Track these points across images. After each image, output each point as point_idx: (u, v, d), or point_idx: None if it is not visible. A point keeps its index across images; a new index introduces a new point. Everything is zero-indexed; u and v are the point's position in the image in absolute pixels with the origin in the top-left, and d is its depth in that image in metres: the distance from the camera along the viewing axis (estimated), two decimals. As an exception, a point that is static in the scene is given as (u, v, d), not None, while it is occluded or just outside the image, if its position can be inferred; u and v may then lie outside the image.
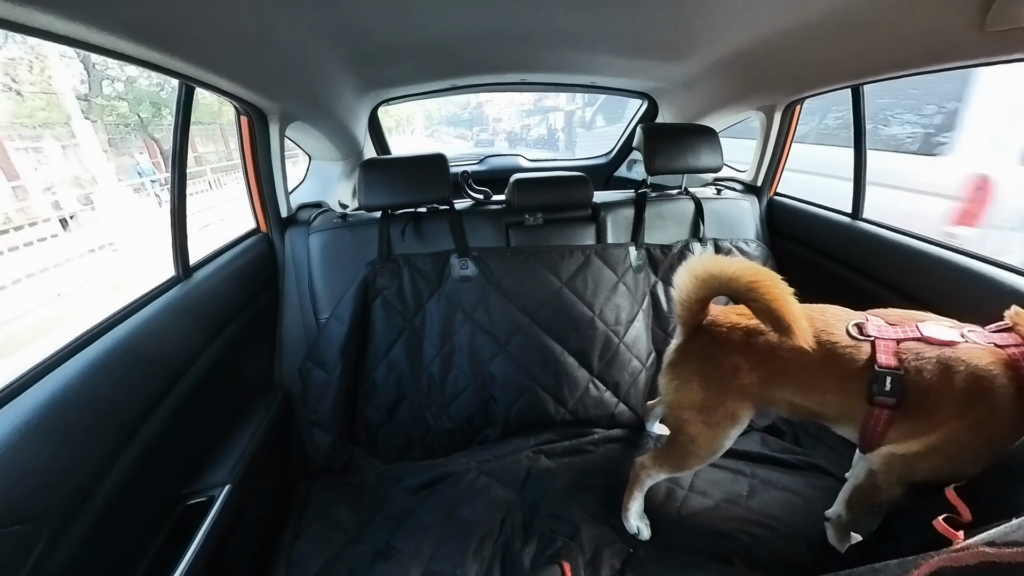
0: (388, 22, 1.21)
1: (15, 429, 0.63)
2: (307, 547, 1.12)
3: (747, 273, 0.86)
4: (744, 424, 0.99)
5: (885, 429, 0.84)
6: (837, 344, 0.86)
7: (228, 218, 7.31)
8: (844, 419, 0.90)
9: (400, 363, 1.45)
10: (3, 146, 7.70)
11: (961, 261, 1.16)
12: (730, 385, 0.95)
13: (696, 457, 1.02)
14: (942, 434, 0.78)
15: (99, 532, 0.72)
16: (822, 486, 1.18)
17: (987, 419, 0.75)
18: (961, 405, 0.76)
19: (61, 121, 8.67)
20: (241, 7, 0.88)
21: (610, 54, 1.62)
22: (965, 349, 0.78)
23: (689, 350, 1.02)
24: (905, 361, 0.81)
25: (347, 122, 1.88)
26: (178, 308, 1.03)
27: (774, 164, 1.82)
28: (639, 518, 1.11)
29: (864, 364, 0.83)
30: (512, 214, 1.56)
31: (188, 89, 1.05)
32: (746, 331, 0.95)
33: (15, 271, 5.16)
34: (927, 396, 0.79)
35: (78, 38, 0.69)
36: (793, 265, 1.72)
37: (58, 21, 0.63)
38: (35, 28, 0.64)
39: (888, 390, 0.80)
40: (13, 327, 4.02)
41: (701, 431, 0.99)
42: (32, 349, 0.86)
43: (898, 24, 0.99)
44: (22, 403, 0.67)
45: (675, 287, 0.97)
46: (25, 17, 0.60)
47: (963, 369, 0.76)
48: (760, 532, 1.08)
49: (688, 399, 1.00)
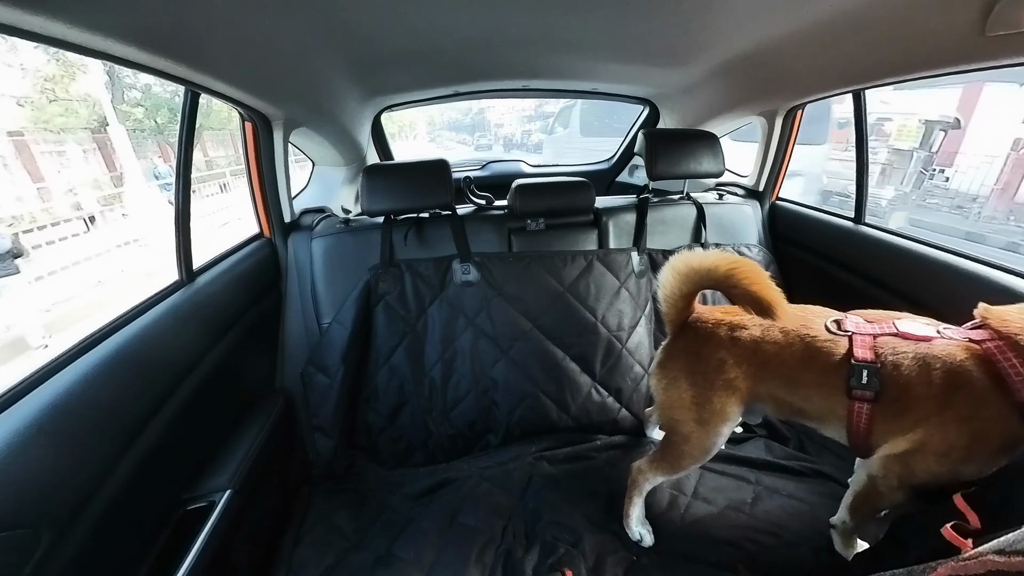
0: (391, 29, 1.22)
1: (17, 433, 0.63)
2: (308, 553, 1.11)
3: (725, 262, 0.90)
4: (735, 421, 1.00)
5: (869, 427, 0.85)
6: (816, 339, 0.89)
7: (245, 217, 7.97)
8: (828, 417, 0.91)
9: (402, 368, 1.45)
10: (29, 149, 8.17)
11: (965, 265, 1.16)
12: (716, 380, 0.96)
13: (690, 457, 1.03)
14: (927, 430, 0.79)
15: (99, 537, 0.72)
16: (827, 493, 1.16)
17: (968, 414, 0.75)
18: (940, 401, 0.77)
19: (80, 126, 9.12)
20: (246, 15, 0.89)
21: (611, 60, 1.63)
22: (941, 344, 0.79)
23: (676, 348, 1.04)
24: (882, 355, 0.83)
25: (350, 128, 1.89)
26: (181, 312, 1.04)
27: (776, 169, 1.82)
28: (641, 524, 1.11)
29: (842, 358, 0.85)
30: (514, 219, 1.57)
31: (194, 95, 1.06)
32: (730, 326, 0.98)
33: (52, 263, 5.75)
34: (906, 391, 0.80)
35: (87, 45, 0.70)
36: (796, 270, 1.71)
37: (69, 29, 0.65)
38: (47, 36, 0.65)
39: (865, 383, 0.82)
40: (66, 307, 4.95)
41: (693, 430, 1.00)
42: (88, 322, 0.99)
43: (899, 29, 1.00)
44: (24, 407, 0.67)
45: (659, 284, 1.00)
46: (39, 26, 0.62)
47: (939, 365, 0.77)
48: (765, 540, 1.07)
49: (677, 397, 1.01)
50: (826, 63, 1.28)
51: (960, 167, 7.30)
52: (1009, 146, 6.88)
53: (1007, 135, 6.89)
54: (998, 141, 6.89)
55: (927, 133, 6.68)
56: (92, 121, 9.43)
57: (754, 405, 1.01)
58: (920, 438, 0.80)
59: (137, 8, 0.70)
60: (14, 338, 4.30)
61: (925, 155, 6.88)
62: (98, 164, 9.53)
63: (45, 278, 5.45)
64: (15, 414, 0.66)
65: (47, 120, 8.80)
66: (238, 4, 0.85)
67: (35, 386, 0.71)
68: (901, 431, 0.82)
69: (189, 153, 1.10)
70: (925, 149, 6.81)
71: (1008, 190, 6.87)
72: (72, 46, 0.69)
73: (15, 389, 0.70)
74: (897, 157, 7.09)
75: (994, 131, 7.01)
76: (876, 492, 0.90)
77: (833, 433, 0.94)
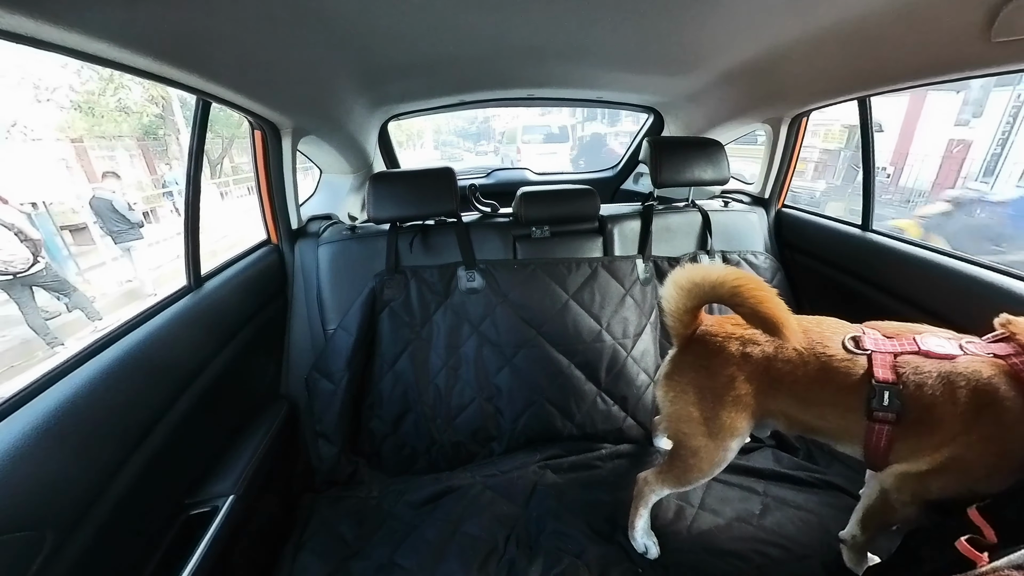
0: (399, 40, 1.24)
1: (24, 435, 0.64)
2: (309, 560, 1.10)
3: (730, 278, 0.86)
4: (745, 436, 0.97)
5: (888, 446, 0.82)
6: (833, 357, 0.86)
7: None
8: (844, 435, 0.88)
9: (406, 375, 1.44)
10: (88, 155, 9.09)
11: (974, 272, 1.14)
12: (726, 396, 0.93)
13: (699, 471, 1.00)
14: (951, 451, 0.76)
15: (102, 540, 0.72)
16: (837, 505, 1.14)
17: (995, 434, 0.73)
18: (967, 421, 0.74)
19: (128, 134, 10.24)
20: (257, 28, 0.91)
21: (616, 69, 1.64)
22: (966, 362, 0.76)
23: (684, 361, 1.01)
24: (904, 375, 0.79)
25: (357, 136, 1.91)
26: (188, 317, 1.05)
27: (781, 176, 1.81)
28: (646, 535, 1.09)
29: (861, 378, 0.82)
30: (519, 227, 1.57)
31: (205, 104, 1.08)
32: (741, 340, 0.94)
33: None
34: (930, 412, 0.77)
35: (105, 56, 0.72)
36: (803, 277, 1.70)
37: (89, 41, 0.67)
38: (66, 47, 0.67)
39: (887, 404, 0.79)
40: (159, 271, 6.24)
41: (702, 444, 0.97)
42: (177, 282, 1.14)
43: (903, 35, 1.00)
44: (32, 410, 0.68)
45: (662, 299, 0.97)
46: (59, 37, 0.64)
47: (965, 384, 0.74)
48: (774, 552, 1.04)
49: (686, 411, 0.98)
50: (831, 70, 1.28)
51: (910, 164, 8.46)
52: (944, 146, 8.03)
53: (944, 137, 8.04)
54: (936, 143, 8.06)
55: (850, 136, 8.62)
56: (138, 129, 10.31)
57: (765, 420, 0.98)
58: (943, 458, 0.77)
59: (153, 22, 0.72)
60: (135, 287, 5.94)
61: (850, 153, 8.61)
62: (143, 168, 10.71)
63: (153, 245, 6.73)
64: (23, 416, 0.67)
65: (100, 127, 9.53)
66: (249, 17, 0.87)
67: (43, 389, 0.72)
68: (924, 451, 0.79)
69: (199, 161, 1.12)
70: (850, 149, 8.65)
71: (944, 184, 7.90)
72: (90, 56, 0.71)
73: (24, 392, 0.71)
74: (828, 156, 9.26)
75: (934, 134, 8.13)
76: (888, 507, 0.87)
77: (847, 449, 0.91)
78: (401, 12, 1.03)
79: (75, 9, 0.61)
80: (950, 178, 7.89)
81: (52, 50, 0.66)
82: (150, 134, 10.36)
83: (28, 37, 0.62)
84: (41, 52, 0.66)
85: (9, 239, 3.34)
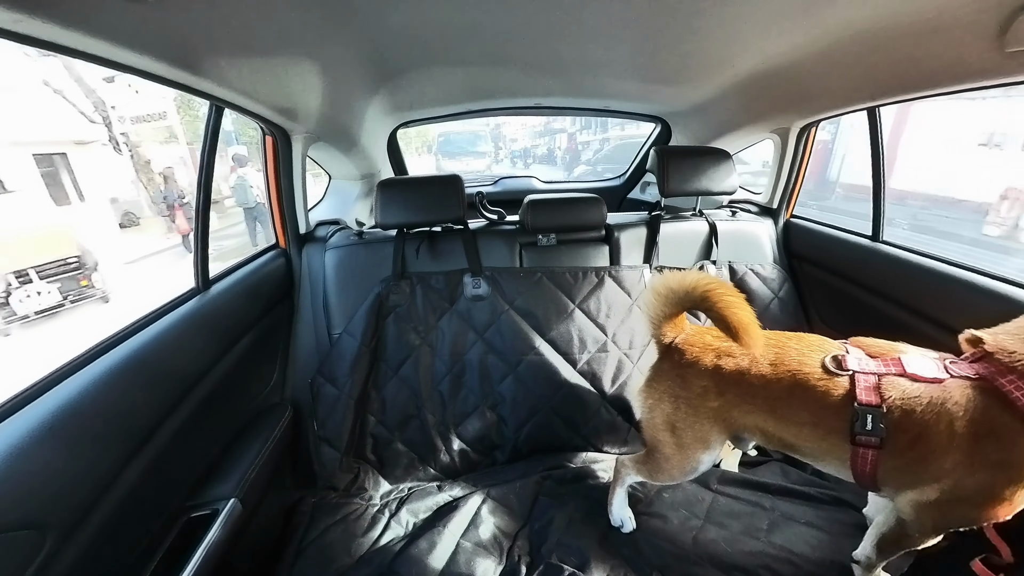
0: (409, 50, 1.26)
1: (28, 434, 0.64)
2: (308, 567, 1.09)
3: (701, 283, 0.89)
4: (717, 448, 0.98)
5: (874, 470, 0.80)
6: (810, 375, 0.84)
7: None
8: (826, 456, 0.87)
9: (411, 381, 1.44)
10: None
11: (988, 284, 1.11)
12: (700, 407, 0.94)
13: (668, 475, 1.04)
14: (956, 479, 0.74)
15: (102, 541, 0.72)
16: (848, 521, 1.11)
17: (1001, 459, 0.70)
18: (967, 451, 0.72)
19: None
20: (270, 35, 0.93)
21: (623, 79, 1.65)
22: (954, 386, 0.74)
23: (662, 369, 1.02)
24: (889, 399, 0.77)
25: (367, 143, 1.93)
26: (195, 320, 1.05)
27: (790, 186, 1.80)
28: (622, 510, 1.15)
29: (842, 399, 0.80)
30: (526, 234, 1.57)
31: (218, 110, 1.10)
32: (717, 352, 0.94)
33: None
34: (922, 439, 0.75)
35: (123, 62, 0.74)
36: (812, 288, 1.68)
37: (108, 47, 0.68)
38: (87, 53, 0.69)
39: (870, 428, 0.77)
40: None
41: (673, 452, 1.00)
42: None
43: (914, 46, 0.99)
44: (36, 409, 0.68)
45: (641, 306, 0.99)
46: (81, 43, 0.65)
47: (957, 411, 0.72)
48: (782, 569, 1.02)
49: (661, 419, 1.00)
50: (840, 80, 1.28)
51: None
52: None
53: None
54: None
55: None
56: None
57: (741, 435, 0.99)
58: (950, 487, 0.75)
59: (166, 27, 0.74)
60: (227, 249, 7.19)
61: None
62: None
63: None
64: (27, 415, 0.67)
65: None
66: (262, 26, 0.88)
67: (48, 388, 0.72)
68: (924, 479, 0.77)
69: (211, 165, 1.14)
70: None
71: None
72: (109, 62, 0.73)
73: (28, 391, 0.71)
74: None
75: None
76: (907, 536, 0.85)
77: (829, 469, 0.89)
78: (412, 23, 1.04)
79: (88, 13, 0.62)
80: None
81: (65, 53, 0.67)
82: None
83: (48, 42, 0.63)
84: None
85: (247, 189, 6.31)
